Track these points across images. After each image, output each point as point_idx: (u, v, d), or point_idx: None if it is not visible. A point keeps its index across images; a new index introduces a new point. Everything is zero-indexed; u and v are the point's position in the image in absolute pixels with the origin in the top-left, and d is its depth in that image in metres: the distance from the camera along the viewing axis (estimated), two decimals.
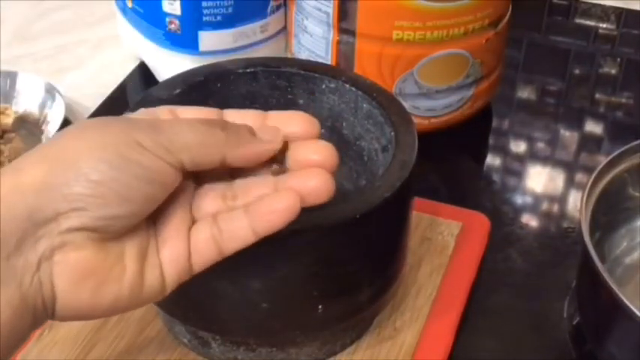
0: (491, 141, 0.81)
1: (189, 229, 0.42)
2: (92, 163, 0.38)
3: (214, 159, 0.41)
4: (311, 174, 0.42)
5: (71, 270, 0.38)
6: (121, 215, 0.39)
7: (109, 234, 0.39)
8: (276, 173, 0.43)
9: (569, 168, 0.76)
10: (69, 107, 0.76)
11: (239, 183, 0.43)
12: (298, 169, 0.43)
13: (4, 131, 0.73)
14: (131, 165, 0.38)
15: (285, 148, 0.44)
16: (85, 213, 0.38)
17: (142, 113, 0.43)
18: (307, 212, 0.43)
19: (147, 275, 0.41)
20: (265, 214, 0.41)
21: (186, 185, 0.42)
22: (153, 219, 0.41)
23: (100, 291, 0.39)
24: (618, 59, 0.90)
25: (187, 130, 0.40)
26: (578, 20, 0.95)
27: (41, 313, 0.38)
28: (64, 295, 0.38)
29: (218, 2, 0.75)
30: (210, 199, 0.43)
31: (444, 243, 0.64)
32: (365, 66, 0.71)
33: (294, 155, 0.44)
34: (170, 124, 0.41)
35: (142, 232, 0.41)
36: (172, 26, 0.76)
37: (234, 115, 0.45)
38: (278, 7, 0.79)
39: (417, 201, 0.57)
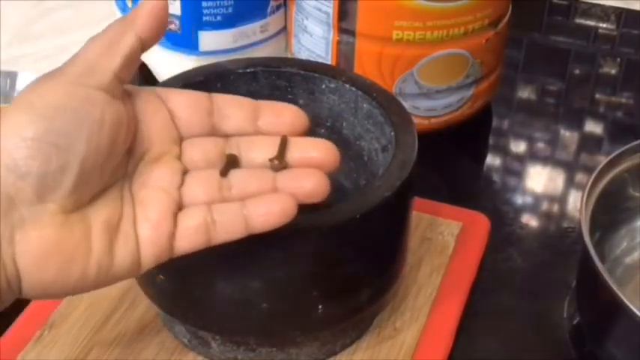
0: (491, 141, 0.81)
1: (176, 212, 0.41)
2: (25, 120, 0.37)
3: (128, 46, 0.40)
4: (307, 175, 0.42)
5: (33, 249, 0.37)
6: (68, 168, 0.38)
7: (67, 199, 0.38)
8: (276, 168, 0.43)
9: (569, 168, 0.76)
10: None
11: (236, 174, 0.43)
12: (297, 167, 0.43)
13: None
14: (62, 110, 0.38)
15: (284, 142, 0.44)
16: (33, 179, 0.37)
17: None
18: (307, 212, 0.43)
19: (118, 252, 0.40)
20: (261, 215, 0.41)
21: (175, 165, 0.42)
22: (132, 196, 0.41)
23: (65, 269, 0.38)
24: (618, 59, 0.90)
25: (90, 45, 0.41)
26: (578, 20, 0.95)
27: (6, 291, 0.37)
28: (28, 274, 0.37)
29: (218, 2, 0.75)
30: (204, 186, 0.42)
31: (444, 243, 0.64)
32: (365, 66, 0.71)
33: (294, 151, 0.43)
34: (78, 52, 0.41)
35: (111, 206, 0.40)
36: (172, 26, 0.76)
37: (225, 100, 0.45)
38: (278, 7, 0.79)
39: (417, 201, 0.57)
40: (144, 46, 0.41)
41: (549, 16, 0.96)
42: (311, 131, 0.59)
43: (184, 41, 0.77)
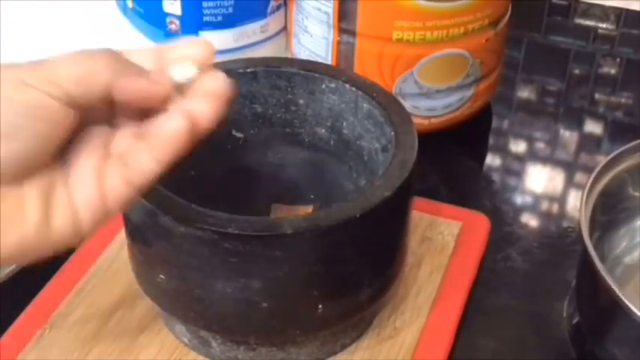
0: (491, 141, 0.81)
1: (102, 167, 0.41)
2: None
3: (99, 88, 0.40)
4: (202, 98, 0.42)
5: None
6: (9, 155, 0.38)
7: (2, 177, 0.38)
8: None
9: (569, 168, 0.76)
10: None
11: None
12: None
13: None
14: (13, 103, 0.38)
15: (182, 90, 0.42)
16: None
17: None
18: (307, 213, 0.43)
19: (55, 218, 0.40)
20: (160, 141, 0.41)
21: (100, 129, 0.42)
22: (63, 161, 0.41)
23: (1, 237, 0.38)
24: (618, 59, 0.90)
25: (70, 60, 0.40)
26: (578, 20, 0.95)
27: None
28: None
29: (218, 2, 0.75)
30: (121, 137, 0.42)
31: (444, 243, 0.64)
32: (365, 66, 0.71)
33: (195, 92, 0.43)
34: (54, 58, 0.40)
35: (44, 174, 0.40)
36: (172, 26, 0.76)
37: (133, 53, 0.44)
38: (278, 7, 0.79)
39: (417, 201, 0.57)
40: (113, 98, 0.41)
41: (549, 16, 0.96)
42: (311, 133, 0.60)
43: None
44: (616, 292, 0.50)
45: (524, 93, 0.86)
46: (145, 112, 0.42)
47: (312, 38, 0.74)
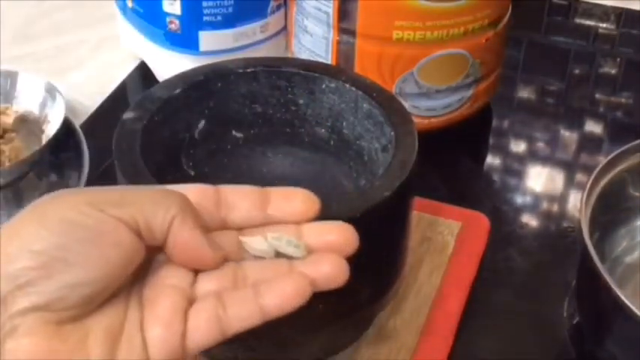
0: (491, 141, 0.81)
1: (187, 309, 0.38)
2: (33, 231, 0.35)
3: (165, 221, 0.37)
4: (324, 259, 0.39)
5: (23, 357, 0.35)
6: (74, 283, 0.35)
7: (65, 311, 0.35)
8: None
9: (569, 168, 0.76)
10: (69, 107, 0.76)
11: (249, 264, 0.40)
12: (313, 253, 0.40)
13: (5, 131, 0.73)
14: (75, 227, 0.35)
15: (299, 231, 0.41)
16: (32, 289, 0.35)
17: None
18: None
19: (121, 356, 0.37)
20: (274, 298, 0.38)
21: (174, 271, 0.39)
22: (140, 298, 0.38)
23: None
24: (618, 59, 0.90)
25: (142, 188, 0.39)
26: (578, 20, 0.95)
27: None
28: None
29: (218, 2, 0.75)
30: (217, 278, 0.39)
31: (444, 243, 0.64)
32: (365, 66, 0.71)
33: (310, 236, 0.41)
34: (132, 187, 0.38)
35: (114, 311, 0.37)
36: (172, 26, 0.76)
37: (231, 190, 0.41)
38: (278, 7, 0.79)
39: (417, 201, 0.57)
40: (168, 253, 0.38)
41: (549, 16, 0.96)
42: (311, 133, 0.60)
43: (184, 41, 0.77)
44: (616, 292, 0.50)
45: (524, 93, 0.86)
46: None
47: (312, 38, 0.74)
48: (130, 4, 0.80)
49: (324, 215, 0.49)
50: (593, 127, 0.81)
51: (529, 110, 0.84)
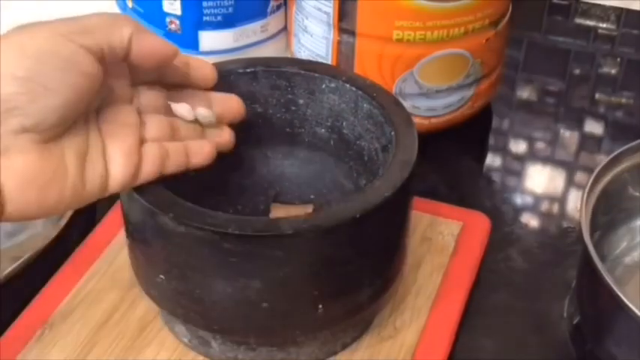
0: (491, 141, 0.81)
1: (140, 145, 0.47)
2: (15, 60, 0.40)
3: (124, 41, 0.44)
4: (225, 129, 0.53)
5: (18, 174, 0.41)
6: (53, 107, 0.41)
7: (47, 131, 0.41)
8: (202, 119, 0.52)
9: (569, 168, 0.76)
10: None
11: (180, 122, 0.51)
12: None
13: None
14: (52, 57, 0.41)
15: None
16: (19, 111, 0.40)
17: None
18: (307, 213, 0.43)
19: (88, 176, 0.44)
20: (198, 154, 0.50)
21: (133, 107, 0.48)
22: (98, 129, 0.45)
23: (44, 192, 0.42)
24: (618, 59, 0.90)
25: (98, 16, 0.44)
26: (578, 20, 0.95)
27: None
28: (12, 198, 0.41)
29: (218, 2, 0.75)
30: (158, 126, 0.49)
31: (444, 243, 0.64)
32: (365, 66, 0.71)
33: (216, 106, 0.52)
34: (82, 16, 0.44)
35: (80, 136, 0.44)
36: (172, 26, 0.76)
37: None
38: (278, 7, 0.79)
39: (417, 201, 0.57)
40: (127, 57, 0.45)
41: (549, 16, 0.96)
42: (311, 133, 0.60)
43: (184, 41, 0.77)
44: (616, 292, 0.50)
45: (525, 93, 0.86)
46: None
47: (312, 38, 0.74)
48: (130, 4, 0.80)
49: (324, 215, 0.49)
50: (593, 127, 0.81)
51: (529, 110, 0.84)
